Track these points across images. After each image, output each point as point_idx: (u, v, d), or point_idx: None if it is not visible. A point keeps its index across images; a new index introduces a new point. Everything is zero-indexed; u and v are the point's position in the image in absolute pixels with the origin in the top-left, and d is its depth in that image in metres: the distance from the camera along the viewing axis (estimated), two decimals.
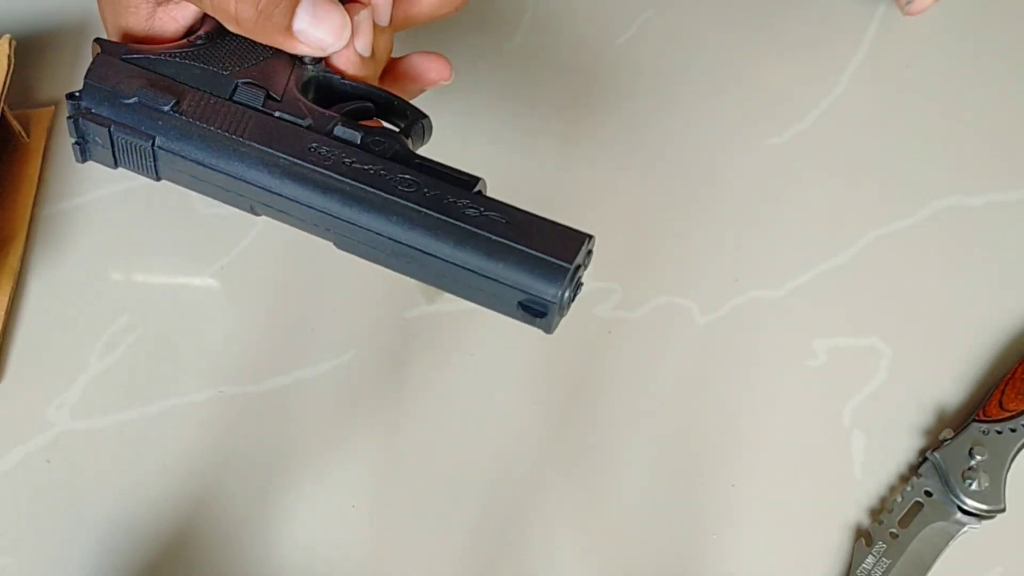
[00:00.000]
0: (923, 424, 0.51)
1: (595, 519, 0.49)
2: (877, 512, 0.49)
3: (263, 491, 0.49)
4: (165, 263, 0.56)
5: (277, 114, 0.37)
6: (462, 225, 0.34)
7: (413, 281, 0.54)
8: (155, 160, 0.38)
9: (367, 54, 0.39)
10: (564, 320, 0.53)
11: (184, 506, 0.49)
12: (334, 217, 0.36)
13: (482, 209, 0.35)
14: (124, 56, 0.38)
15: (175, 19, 0.40)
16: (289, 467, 0.50)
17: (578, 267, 0.35)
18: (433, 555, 0.48)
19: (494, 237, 0.34)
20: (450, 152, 0.47)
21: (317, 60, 0.40)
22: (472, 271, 0.35)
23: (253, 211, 0.38)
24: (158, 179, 0.39)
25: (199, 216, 0.57)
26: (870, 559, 0.47)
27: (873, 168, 0.58)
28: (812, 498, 0.49)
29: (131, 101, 0.37)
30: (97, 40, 0.39)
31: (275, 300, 0.54)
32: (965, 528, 0.48)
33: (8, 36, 0.56)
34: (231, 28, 0.38)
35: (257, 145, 0.36)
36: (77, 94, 0.38)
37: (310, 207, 0.36)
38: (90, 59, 0.62)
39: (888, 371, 0.52)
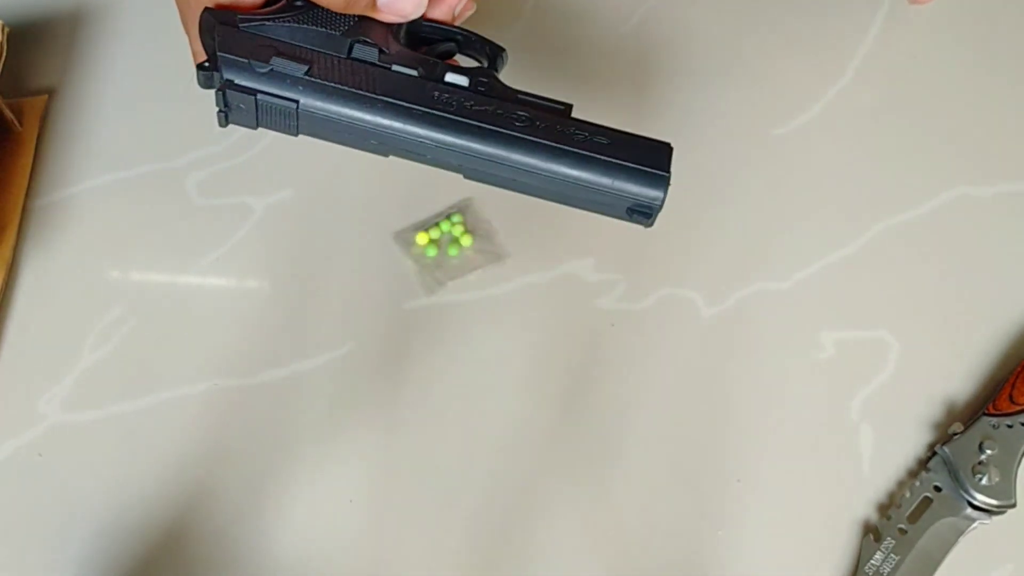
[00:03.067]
0: (932, 418, 0.50)
1: (598, 514, 0.48)
2: (885, 507, 0.48)
3: (258, 485, 0.48)
4: (159, 253, 0.55)
5: (394, 67, 0.41)
6: (577, 150, 0.40)
7: (412, 273, 0.54)
8: (298, 120, 0.41)
9: (458, 12, 0.45)
10: (566, 312, 0.53)
11: (178, 500, 0.48)
12: (467, 154, 0.41)
13: (587, 134, 0.41)
14: (240, 25, 0.42)
15: None
16: (285, 461, 0.49)
17: (670, 173, 0.41)
18: (432, 550, 0.47)
19: (604, 157, 0.40)
20: None
21: None
22: (589, 186, 0.41)
23: (384, 154, 0.42)
24: (297, 135, 0.42)
25: (193, 206, 0.56)
26: (879, 555, 0.46)
27: (880, 159, 0.57)
28: (819, 493, 0.48)
29: (267, 70, 0.41)
30: (207, 10, 0.42)
31: (271, 291, 0.54)
32: (975, 524, 0.47)
33: (1, 22, 0.55)
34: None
35: (389, 99, 0.41)
36: (207, 65, 0.41)
37: (445, 147, 0.41)
38: (85, 50, 0.62)
39: (896, 364, 0.51)
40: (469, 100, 0.41)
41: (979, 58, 0.61)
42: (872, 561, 0.46)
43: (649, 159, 0.41)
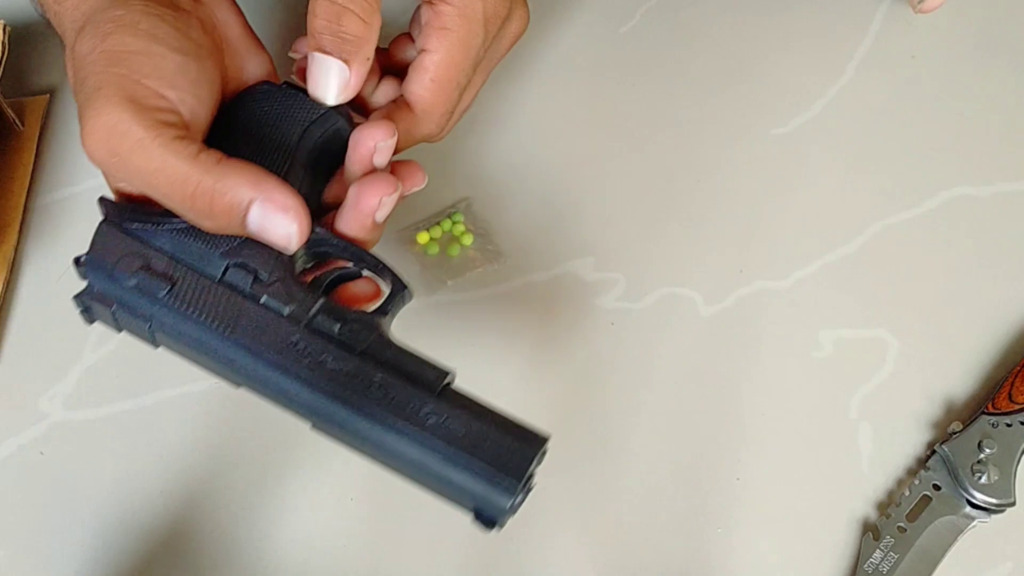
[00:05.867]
0: (931, 416, 0.50)
1: (598, 513, 0.48)
2: (885, 506, 0.48)
3: (260, 483, 0.49)
4: None
5: (263, 299, 0.39)
6: (423, 434, 0.37)
7: (416, 270, 0.54)
8: (153, 335, 0.40)
9: (381, 222, 0.42)
10: (568, 311, 0.53)
11: (179, 498, 0.48)
12: (310, 411, 0.38)
13: (443, 418, 0.37)
14: (125, 226, 0.40)
15: None
16: (287, 459, 0.49)
17: (529, 476, 0.37)
18: (432, 549, 0.47)
19: (451, 449, 0.36)
20: (450, 144, 0.46)
21: None
22: (429, 475, 0.37)
23: (236, 385, 0.40)
24: (156, 347, 0.41)
25: None
26: (878, 553, 0.46)
27: (880, 158, 0.57)
28: (819, 492, 0.48)
29: (131, 283, 0.39)
30: (102, 200, 0.41)
31: None
32: (974, 522, 0.47)
33: (2, 22, 0.55)
34: None
35: (241, 338, 0.38)
36: (82, 260, 0.40)
37: (288, 399, 0.39)
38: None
39: (895, 363, 0.51)
40: (329, 354, 0.38)
41: (978, 57, 0.61)
42: (871, 560, 0.46)
43: (506, 458, 0.36)
